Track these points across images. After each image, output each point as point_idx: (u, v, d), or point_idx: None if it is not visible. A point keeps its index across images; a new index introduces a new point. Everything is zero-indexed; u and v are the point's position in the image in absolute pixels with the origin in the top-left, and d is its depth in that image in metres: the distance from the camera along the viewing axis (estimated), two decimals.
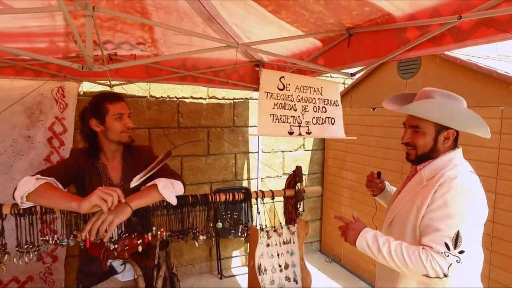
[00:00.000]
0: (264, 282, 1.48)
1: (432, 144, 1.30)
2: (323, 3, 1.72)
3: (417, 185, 1.32)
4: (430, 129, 1.29)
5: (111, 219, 1.21)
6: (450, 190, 1.19)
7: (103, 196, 1.16)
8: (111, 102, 1.53)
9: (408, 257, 1.17)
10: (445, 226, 1.16)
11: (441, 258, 1.14)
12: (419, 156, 1.34)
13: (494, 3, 1.15)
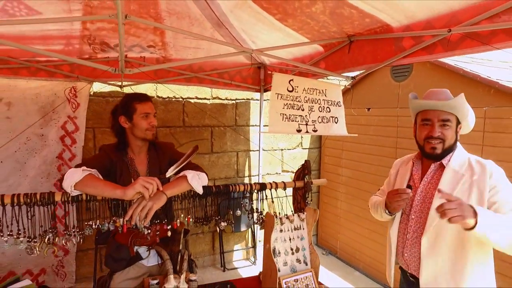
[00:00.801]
0: (278, 263, 1.65)
1: (455, 136, 1.44)
2: (328, 14, 1.91)
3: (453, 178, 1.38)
4: (454, 123, 1.42)
5: (151, 205, 1.36)
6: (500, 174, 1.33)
7: (145, 185, 1.32)
8: (139, 102, 1.68)
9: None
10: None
11: None
12: (446, 149, 1.42)
13: (477, 20, 1.36)
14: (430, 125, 1.43)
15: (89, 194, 1.36)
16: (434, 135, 1.40)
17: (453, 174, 1.38)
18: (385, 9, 1.68)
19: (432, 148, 1.42)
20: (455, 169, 1.39)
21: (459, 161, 1.40)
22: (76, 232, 1.36)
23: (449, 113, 1.40)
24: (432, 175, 1.46)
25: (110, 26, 2.41)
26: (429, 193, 1.45)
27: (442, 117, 1.40)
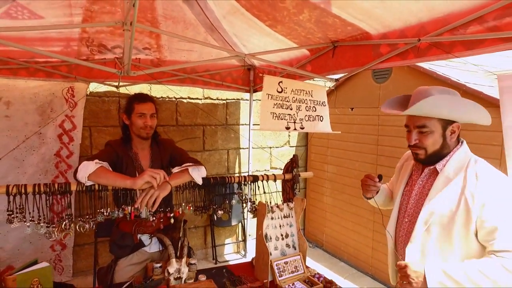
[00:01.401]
0: (270, 248, 1.83)
1: (442, 141, 1.26)
2: (314, 22, 2.10)
3: (444, 185, 1.25)
4: (437, 126, 1.24)
5: (158, 194, 1.52)
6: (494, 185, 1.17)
7: (153, 175, 1.47)
8: (138, 102, 1.83)
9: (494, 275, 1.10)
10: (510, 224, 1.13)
11: None
12: (430, 155, 1.28)
13: (441, 32, 1.57)
14: (409, 131, 1.33)
15: (101, 184, 1.51)
16: (410, 143, 1.30)
17: (445, 181, 1.25)
18: (364, 19, 1.89)
19: (415, 154, 1.32)
20: (448, 176, 1.25)
21: (456, 167, 1.25)
22: (89, 219, 1.50)
23: (426, 118, 1.24)
24: (427, 179, 1.35)
25: (109, 30, 2.54)
26: (421, 198, 1.34)
27: (417, 123, 1.27)
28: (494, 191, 1.16)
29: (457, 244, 1.22)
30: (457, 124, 1.28)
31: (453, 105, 1.24)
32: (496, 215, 1.14)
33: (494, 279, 1.09)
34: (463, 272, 1.12)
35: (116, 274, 1.84)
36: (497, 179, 1.19)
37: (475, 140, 2.60)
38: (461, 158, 1.27)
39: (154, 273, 1.71)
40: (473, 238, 1.19)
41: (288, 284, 1.76)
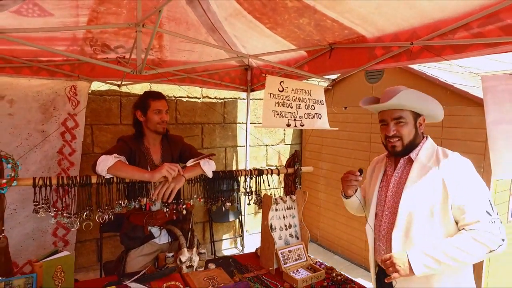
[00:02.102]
0: (274, 237, 1.95)
1: (414, 131, 1.40)
2: (313, 25, 2.23)
3: (421, 170, 1.35)
4: (410, 118, 1.39)
5: (173, 186, 1.62)
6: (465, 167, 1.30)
7: (169, 170, 1.58)
8: (153, 99, 1.92)
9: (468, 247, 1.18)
10: (479, 199, 1.24)
11: (491, 226, 1.19)
12: (406, 145, 1.40)
13: (432, 36, 1.73)
14: (386, 125, 1.44)
15: (120, 177, 1.60)
16: (389, 134, 1.41)
17: (421, 167, 1.37)
18: (361, 24, 2.03)
19: (392, 147, 1.42)
20: (423, 162, 1.38)
21: (427, 154, 1.39)
22: (108, 209, 1.59)
23: (401, 110, 1.39)
24: (402, 169, 1.45)
25: (113, 30, 2.61)
26: (400, 188, 1.43)
27: (394, 115, 1.40)
28: (464, 172, 1.30)
29: (438, 224, 1.31)
30: (423, 117, 1.44)
31: (423, 100, 1.41)
32: (467, 192, 1.26)
33: (469, 251, 1.19)
34: (441, 251, 1.22)
35: (127, 265, 1.93)
36: (465, 162, 1.34)
37: (461, 137, 2.79)
38: (429, 147, 1.43)
39: (167, 261, 1.81)
40: (451, 217, 1.29)
41: (292, 270, 1.89)
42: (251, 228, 4.38)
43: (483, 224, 1.20)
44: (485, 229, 1.19)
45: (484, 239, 1.18)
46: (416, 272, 1.22)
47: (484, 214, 1.22)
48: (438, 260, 1.21)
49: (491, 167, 2.59)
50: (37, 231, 3.02)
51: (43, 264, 1.40)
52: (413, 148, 1.42)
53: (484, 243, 1.18)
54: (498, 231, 1.20)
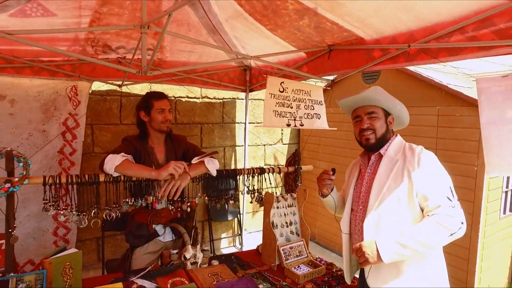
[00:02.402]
0: (276, 234, 2.00)
1: (385, 126, 1.52)
2: (313, 27, 2.28)
3: (389, 164, 1.45)
4: (381, 114, 1.52)
5: (179, 184, 1.66)
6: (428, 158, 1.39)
7: (175, 168, 1.62)
8: (156, 99, 1.96)
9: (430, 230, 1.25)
10: (441, 186, 1.33)
11: (451, 210, 1.27)
12: (379, 138, 1.50)
13: (428, 39, 1.79)
14: (360, 120, 1.55)
15: (128, 176, 1.64)
16: (364, 126, 1.51)
17: (389, 160, 1.46)
18: (360, 26, 2.09)
19: (366, 140, 1.51)
20: (391, 156, 1.47)
21: (395, 149, 1.49)
22: (115, 207, 1.62)
23: (373, 106, 1.52)
24: (374, 165, 1.53)
25: (114, 31, 2.64)
26: (372, 182, 1.49)
27: (368, 110, 1.52)
28: (426, 162, 1.38)
29: (405, 212, 1.37)
30: (392, 116, 1.55)
31: (391, 99, 1.54)
32: (429, 181, 1.34)
33: (432, 234, 1.26)
34: (407, 236, 1.27)
35: (133, 262, 1.97)
36: (428, 154, 1.42)
37: (455, 136, 2.87)
38: (398, 142, 1.53)
39: (172, 258, 1.85)
40: (417, 205, 1.36)
41: (294, 266, 1.94)
42: (249, 227, 4.43)
43: (444, 208, 1.27)
44: (446, 212, 1.26)
45: (445, 222, 1.25)
46: (384, 259, 1.26)
47: (445, 200, 1.29)
48: (404, 245, 1.26)
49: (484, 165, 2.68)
50: (37, 230, 3.03)
51: (53, 261, 1.44)
52: (384, 143, 1.52)
53: (445, 225, 1.24)
54: (458, 214, 1.27)
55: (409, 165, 1.40)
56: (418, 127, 3.04)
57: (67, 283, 1.49)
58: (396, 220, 1.39)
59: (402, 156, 1.44)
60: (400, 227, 1.37)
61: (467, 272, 2.80)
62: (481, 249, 2.77)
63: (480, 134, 2.70)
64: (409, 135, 3.11)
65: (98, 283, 1.69)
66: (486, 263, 2.91)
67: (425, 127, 3.00)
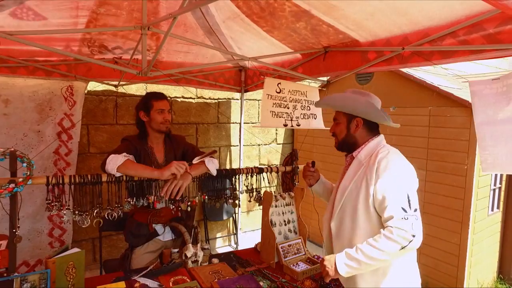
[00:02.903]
0: (274, 232, 2.04)
1: (346, 131, 1.50)
2: (309, 29, 2.33)
3: (356, 167, 1.45)
4: (343, 119, 1.51)
5: (181, 183, 1.69)
6: (388, 163, 1.34)
7: (177, 167, 1.64)
8: (156, 100, 1.98)
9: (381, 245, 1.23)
10: (396, 195, 1.28)
11: (402, 223, 1.22)
12: (339, 142, 1.55)
13: (421, 42, 1.86)
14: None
15: (130, 175, 1.65)
16: (330, 131, 1.60)
17: (357, 164, 1.46)
18: (355, 29, 2.14)
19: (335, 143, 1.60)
20: (360, 159, 1.46)
21: (367, 152, 1.46)
22: (117, 207, 1.64)
23: (337, 112, 1.54)
24: (348, 167, 1.54)
25: (111, 31, 2.64)
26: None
27: (334, 116, 1.57)
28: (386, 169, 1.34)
29: (362, 217, 1.37)
30: (359, 119, 1.48)
31: (348, 101, 1.50)
32: (386, 186, 1.31)
33: (382, 248, 1.23)
34: (360, 251, 1.26)
35: (133, 262, 1.98)
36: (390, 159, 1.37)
37: (446, 136, 2.96)
38: (372, 146, 1.47)
39: (172, 257, 1.87)
40: (372, 211, 1.35)
41: (292, 264, 1.98)
42: (244, 226, 4.47)
43: (395, 220, 1.24)
44: (396, 225, 1.23)
45: (394, 236, 1.21)
46: (340, 273, 1.28)
47: (398, 210, 1.25)
48: (358, 260, 1.26)
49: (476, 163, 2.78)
50: (32, 231, 3.00)
51: (56, 261, 1.45)
52: (351, 145, 1.52)
53: (395, 240, 1.21)
54: (409, 227, 1.22)
55: (368, 171, 1.38)
56: (410, 127, 3.12)
57: (70, 282, 1.50)
58: (354, 226, 1.40)
59: (367, 161, 1.43)
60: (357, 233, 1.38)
61: (457, 268, 2.89)
62: (470, 245, 2.87)
63: (470, 134, 2.83)
64: (402, 135, 3.19)
65: (100, 282, 1.70)
66: (475, 259, 3.02)
67: (418, 127, 3.09)
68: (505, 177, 3.38)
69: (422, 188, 3.08)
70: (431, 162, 3.05)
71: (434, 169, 3.04)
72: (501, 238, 3.47)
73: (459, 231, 2.86)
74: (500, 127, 1.41)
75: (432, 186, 3.05)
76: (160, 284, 1.64)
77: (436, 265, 3.05)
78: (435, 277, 3.07)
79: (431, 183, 3.05)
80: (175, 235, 2.08)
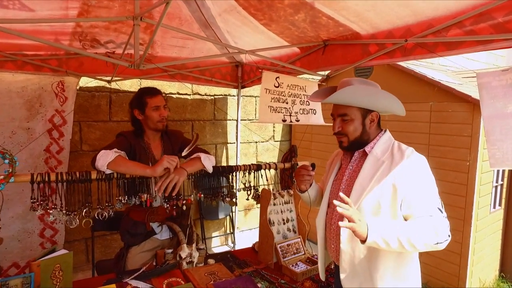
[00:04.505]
0: (273, 232, 1.97)
1: (361, 128, 1.34)
2: (308, 22, 2.25)
3: (375, 165, 1.31)
4: (357, 115, 1.33)
5: (177, 179, 1.60)
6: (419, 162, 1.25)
7: (170, 161, 1.56)
8: (150, 96, 1.89)
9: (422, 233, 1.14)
10: (431, 196, 1.21)
11: (443, 222, 1.17)
12: (352, 142, 1.36)
13: (425, 34, 1.78)
14: (334, 120, 1.40)
15: (121, 173, 1.57)
16: (334, 130, 1.38)
17: (374, 161, 1.32)
18: (356, 21, 2.07)
19: (340, 142, 1.41)
20: (376, 156, 1.32)
21: (382, 148, 1.34)
22: (108, 206, 1.55)
23: (346, 106, 1.33)
24: (357, 163, 1.40)
25: (103, 24, 2.54)
26: (353, 180, 1.37)
27: (340, 112, 1.35)
28: (416, 168, 1.24)
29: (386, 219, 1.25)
30: (375, 113, 1.35)
31: (369, 95, 1.33)
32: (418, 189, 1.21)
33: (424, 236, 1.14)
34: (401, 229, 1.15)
35: (128, 261, 1.90)
36: (418, 158, 1.28)
37: (447, 132, 2.90)
38: (386, 141, 1.36)
39: (166, 258, 1.79)
40: (399, 212, 1.24)
41: (291, 264, 1.91)
42: (241, 225, 4.39)
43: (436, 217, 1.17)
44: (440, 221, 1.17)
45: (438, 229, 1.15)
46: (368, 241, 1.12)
47: (436, 211, 1.19)
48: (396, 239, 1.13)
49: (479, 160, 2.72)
50: (23, 232, 2.91)
51: (41, 263, 1.36)
52: (363, 143, 1.37)
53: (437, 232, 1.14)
54: (448, 227, 1.18)
55: (396, 168, 1.25)
56: (411, 123, 3.06)
57: (56, 286, 1.42)
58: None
59: (389, 157, 1.30)
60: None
61: (459, 266, 2.84)
62: (473, 243, 2.81)
63: (472, 130, 2.77)
64: (403, 131, 3.12)
65: (90, 285, 1.62)
66: (477, 257, 2.96)
67: (419, 123, 3.02)
68: (507, 173, 3.33)
69: None
70: (432, 159, 2.98)
71: (435, 166, 2.97)
72: (503, 236, 3.42)
73: (461, 229, 2.81)
74: (510, 120, 1.35)
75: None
76: (152, 287, 1.56)
77: (438, 264, 2.99)
78: (436, 276, 3.02)
79: None
80: (173, 233, 1.99)
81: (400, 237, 1.13)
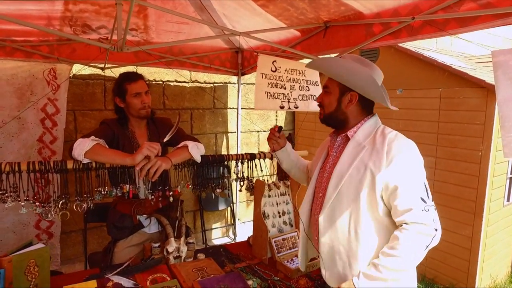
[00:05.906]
0: (267, 225, 1.85)
1: (336, 105, 1.29)
2: (307, 2, 2.09)
3: (355, 150, 1.25)
4: (335, 89, 1.29)
5: (160, 164, 1.49)
6: (401, 147, 1.17)
7: (150, 148, 1.45)
8: (129, 82, 1.75)
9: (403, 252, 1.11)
10: (413, 183, 1.14)
11: (423, 216, 1.10)
12: (326, 115, 1.34)
13: (435, 10, 1.61)
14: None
15: (99, 162, 1.46)
16: (317, 101, 1.38)
17: (355, 146, 1.26)
18: None
19: (319, 113, 1.38)
20: (358, 141, 1.26)
21: (366, 132, 1.27)
22: (88, 197, 1.46)
23: (331, 79, 1.31)
24: (340, 149, 1.34)
25: (93, 9, 2.42)
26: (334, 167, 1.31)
27: (325, 82, 1.35)
28: (399, 152, 1.16)
29: (365, 210, 1.19)
30: (355, 94, 1.27)
31: (348, 70, 1.23)
32: (401, 173, 1.14)
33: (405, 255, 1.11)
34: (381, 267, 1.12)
35: (115, 256, 1.81)
36: (402, 142, 1.19)
37: (458, 120, 2.71)
38: (370, 125, 1.29)
39: (153, 252, 1.70)
40: (379, 200, 1.17)
41: (286, 260, 1.80)
42: (243, 216, 4.30)
43: (415, 214, 1.10)
44: (417, 219, 1.10)
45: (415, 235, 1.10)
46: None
47: (418, 202, 1.11)
48: (383, 279, 1.13)
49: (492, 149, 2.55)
50: (18, 224, 2.86)
51: (13, 259, 1.28)
52: (340, 122, 1.32)
53: (417, 239, 1.10)
54: (431, 220, 1.10)
55: (375, 154, 1.17)
56: (419, 111, 2.88)
57: (32, 282, 1.33)
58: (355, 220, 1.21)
59: (370, 142, 1.22)
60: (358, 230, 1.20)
61: (469, 262, 2.69)
62: (484, 238, 2.65)
63: (486, 117, 2.58)
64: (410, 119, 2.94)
65: (73, 280, 1.54)
66: (488, 252, 2.81)
67: (427, 111, 2.84)
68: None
69: (431, 177, 2.86)
70: (441, 148, 2.81)
71: (444, 156, 2.80)
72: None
73: (471, 222, 2.65)
74: None
75: (442, 174, 2.82)
76: (135, 284, 1.47)
77: (445, 259, 2.84)
78: (443, 271, 2.88)
79: (441, 171, 2.83)
80: (162, 227, 1.89)
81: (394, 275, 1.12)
